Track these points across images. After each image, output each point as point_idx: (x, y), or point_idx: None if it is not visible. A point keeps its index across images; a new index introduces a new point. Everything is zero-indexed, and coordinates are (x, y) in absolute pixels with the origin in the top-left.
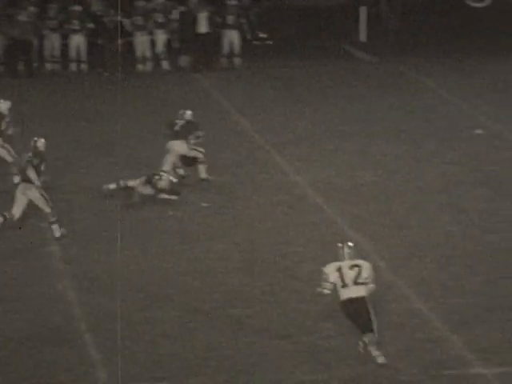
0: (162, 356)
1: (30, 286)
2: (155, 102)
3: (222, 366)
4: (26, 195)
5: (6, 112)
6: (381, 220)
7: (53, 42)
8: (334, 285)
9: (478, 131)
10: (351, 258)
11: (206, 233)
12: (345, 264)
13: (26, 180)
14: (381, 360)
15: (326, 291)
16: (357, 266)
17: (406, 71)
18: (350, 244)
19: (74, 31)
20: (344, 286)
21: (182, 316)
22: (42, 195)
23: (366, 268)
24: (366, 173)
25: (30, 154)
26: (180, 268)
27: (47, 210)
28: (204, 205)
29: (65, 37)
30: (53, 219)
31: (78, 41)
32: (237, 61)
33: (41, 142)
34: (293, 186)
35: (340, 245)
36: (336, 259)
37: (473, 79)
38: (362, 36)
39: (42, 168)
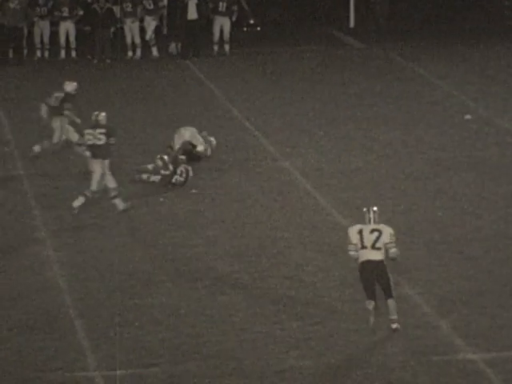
0: (151, 342)
1: (20, 273)
2: (145, 88)
3: (211, 352)
4: (93, 168)
5: (73, 93)
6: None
7: (42, 29)
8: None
9: (467, 117)
10: (375, 223)
11: (195, 219)
12: (366, 227)
13: (96, 156)
14: (394, 326)
15: (352, 253)
16: (377, 230)
17: (394, 57)
18: (375, 209)
19: (64, 18)
20: (363, 247)
21: (171, 302)
22: (103, 171)
23: (386, 233)
24: (355, 159)
25: (98, 130)
26: (169, 254)
27: (93, 187)
28: (193, 191)
29: (54, 24)
30: (87, 194)
31: (67, 28)
32: (226, 47)
33: (102, 116)
34: (282, 172)
35: (365, 209)
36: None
37: (462, 65)
38: (352, 22)
39: (112, 141)
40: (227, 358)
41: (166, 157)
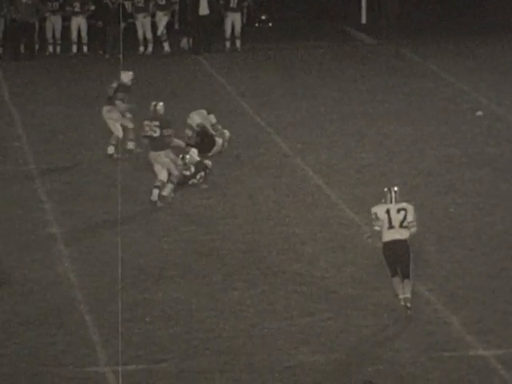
0: (162, 338)
1: (31, 268)
2: (156, 83)
3: (222, 348)
4: (157, 161)
5: (129, 83)
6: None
7: (54, 24)
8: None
9: (479, 113)
10: (397, 202)
11: (207, 214)
12: (392, 207)
13: (155, 148)
14: (409, 305)
15: (377, 228)
16: (403, 209)
17: (406, 53)
18: (396, 188)
19: (75, 13)
20: (390, 227)
21: (182, 298)
22: (171, 160)
23: (411, 211)
24: (367, 155)
25: (155, 122)
26: (181, 249)
27: (175, 172)
28: (204, 186)
29: (66, 19)
30: (174, 181)
31: (79, 23)
32: (237, 43)
33: (160, 106)
34: (294, 167)
35: (386, 189)
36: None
37: (474, 61)
38: (363, 18)
39: (167, 133)
40: (238, 354)
41: (188, 156)
